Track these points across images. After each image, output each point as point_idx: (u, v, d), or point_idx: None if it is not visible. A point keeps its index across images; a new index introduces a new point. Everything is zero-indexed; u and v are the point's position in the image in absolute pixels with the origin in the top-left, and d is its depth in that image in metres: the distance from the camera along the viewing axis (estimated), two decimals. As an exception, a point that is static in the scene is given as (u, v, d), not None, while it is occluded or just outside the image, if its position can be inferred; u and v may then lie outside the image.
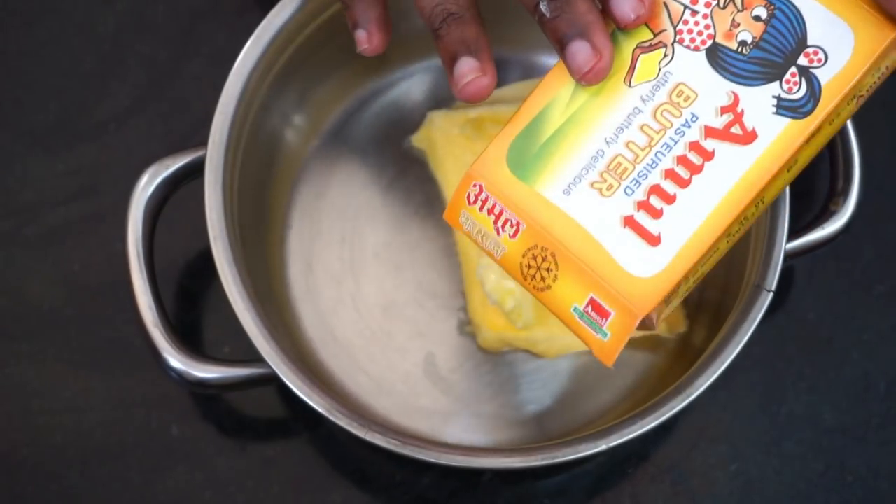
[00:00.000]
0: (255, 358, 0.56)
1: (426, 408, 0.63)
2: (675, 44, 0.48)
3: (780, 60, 0.47)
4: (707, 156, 0.47)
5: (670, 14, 0.48)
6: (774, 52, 0.47)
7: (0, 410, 0.64)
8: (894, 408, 0.65)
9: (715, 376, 0.55)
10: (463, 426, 0.63)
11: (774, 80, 0.47)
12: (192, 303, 0.65)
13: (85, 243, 0.66)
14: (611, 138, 0.47)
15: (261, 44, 0.59)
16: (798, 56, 0.47)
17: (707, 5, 0.47)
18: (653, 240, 0.46)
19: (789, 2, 0.47)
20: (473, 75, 0.48)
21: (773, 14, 0.47)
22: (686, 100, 0.47)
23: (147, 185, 0.58)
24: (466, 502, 0.63)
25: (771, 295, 0.57)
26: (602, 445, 0.54)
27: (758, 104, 0.47)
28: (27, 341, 0.65)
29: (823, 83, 0.46)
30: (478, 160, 0.49)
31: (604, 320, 0.46)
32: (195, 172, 0.58)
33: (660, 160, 0.47)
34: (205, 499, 0.63)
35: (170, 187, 0.59)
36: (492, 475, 0.64)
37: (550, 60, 0.64)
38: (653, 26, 0.48)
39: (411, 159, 0.66)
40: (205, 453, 0.64)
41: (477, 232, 0.49)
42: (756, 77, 0.47)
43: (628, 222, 0.47)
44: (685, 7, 0.48)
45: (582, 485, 0.64)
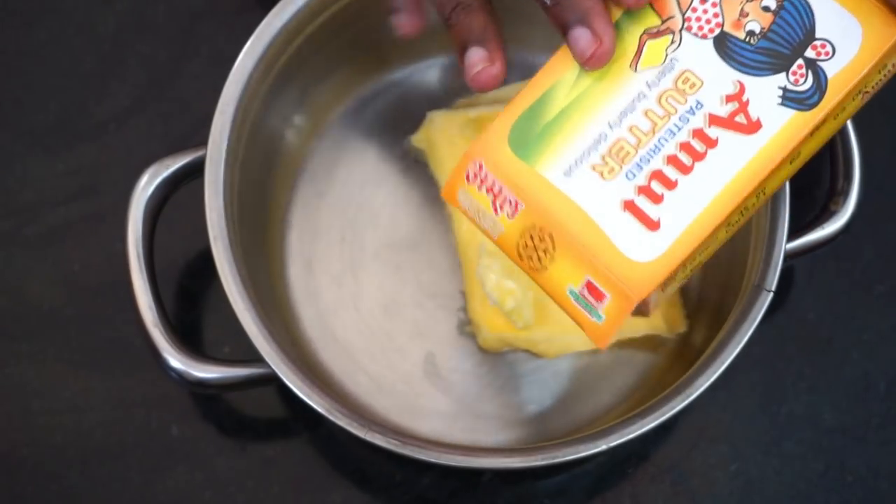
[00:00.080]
0: (255, 358, 0.55)
1: (426, 408, 0.63)
2: (683, 31, 0.47)
3: (788, 52, 0.47)
4: (710, 143, 0.46)
5: (679, 1, 0.48)
6: (782, 44, 0.47)
7: (0, 410, 0.64)
8: (894, 408, 0.65)
9: (715, 376, 0.55)
10: (463, 426, 0.63)
11: (781, 72, 0.47)
12: (192, 303, 0.65)
13: (85, 243, 0.66)
14: (614, 122, 0.47)
15: (261, 44, 0.59)
16: (805, 48, 0.46)
17: None
18: (652, 224, 0.46)
19: None
20: (482, 65, 0.49)
21: (782, 5, 0.47)
22: (692, 87, 0.47)
23: (147, 185, 0.58)
24: (466, 502, 0.63)
25: (771, 295, 0.57)
26: (602, 445, 0.54)
27: (763, 94, 0.46)
28: (27, 341, 0.65)
29: (830, 76, 0.46)
30: (479, 139, 0.48)
31: (599, 303, 0.46)
32: (195, 172, 0.58)
33: (662, 146, 0.47)
34: (205, 499, 0.63)
35: (170, 187, 0.59)
36: (492, 475, 0.64)
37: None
38: (661, 12, 0.48)
39: (411, 159, 0.66)
40: (205, 453, 0.64)
41: (474, 210, 0.49)
42: (763, 67, 0.47)
43: (628, 206, 0.46)
44: None
45: (582, 485, 0.64)
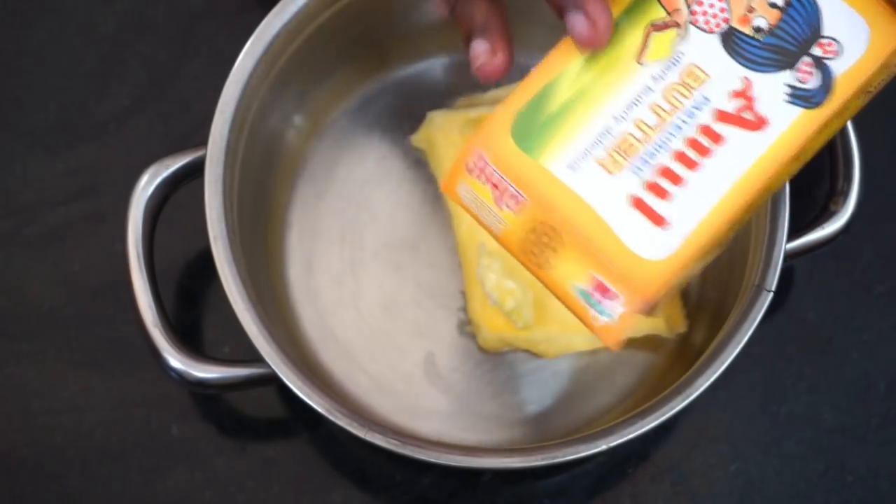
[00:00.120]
0: (255, 358, 0.55)
1: (426, 408, 0.63)
2: (689, 24, 0.47)
3: (794, 49, 0.46)
4: (718, 140, 0.46)
5: None
6: (789, 41, 0.46)
7: (0, 410, 0.64)
8: (894, 408, 0.65)
9: (715, 376, 0.55)
10: (463, 426, 0.63)
11: (787, 69, 0.46)
12: (192, 303, 0.65)
13: (85, 243, 0.66)
14: (619, 115, 0.46)
15: (261, 44, 0.59)
16: (812, 45, 0.46)
17: None
18: (660, 221, 0.45)
19: None
20: (484, 57, 0.48)
21: (790, 2, 0.46)
22: (698, 82, 0.46)
23: (147, 185, 0.58)
24: (466, 502, 0.63)
25: (771, 295, 0.56)
26: (602, 445, 0.54)
27: (770, 91, 0.46)
28: (27, 341, 0.65)
29: (837, 75, 0.46)
30: (480, 129, 0.47)
31: (609, 301, 0.46)
32: (195, 172, 0.58)
33: (669, 141, 0.46)
34: (205, 499, 0.63)
35: (170, 187, 0.59)
36: (492, 475, 0.64)
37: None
38: (667, 5, 0.47)
39: (411, 159, 0.66)
40: (205, 453, 0.63)
41: (475, 204, 0.48)
42: (769, 64, 0.46)
43: (635, 202, 0.46)
44: None
45: (582, 485, 0.64)
